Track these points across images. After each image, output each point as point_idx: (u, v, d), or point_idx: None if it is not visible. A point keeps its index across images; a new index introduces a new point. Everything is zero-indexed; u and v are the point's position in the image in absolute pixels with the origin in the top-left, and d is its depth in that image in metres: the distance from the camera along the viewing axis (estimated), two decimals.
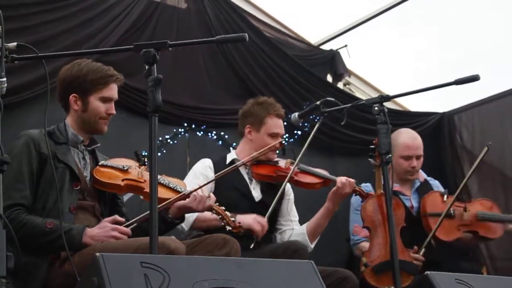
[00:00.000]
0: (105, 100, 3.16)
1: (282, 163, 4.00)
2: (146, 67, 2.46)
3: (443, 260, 4.33)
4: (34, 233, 2.88)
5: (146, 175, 3.18)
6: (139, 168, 3.26)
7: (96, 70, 3.15)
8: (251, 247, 3.61)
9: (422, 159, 4.48)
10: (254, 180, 3.98)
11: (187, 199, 3.21)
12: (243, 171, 3.94)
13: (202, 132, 5.32)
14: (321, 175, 3.98)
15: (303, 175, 3.96)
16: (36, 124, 3.29)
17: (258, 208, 3.88)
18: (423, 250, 4.10)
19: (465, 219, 4.33)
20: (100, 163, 3.25)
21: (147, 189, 3.12)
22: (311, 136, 3.98)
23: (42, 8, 4.61)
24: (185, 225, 3.66)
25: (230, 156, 4.01)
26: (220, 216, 3.33)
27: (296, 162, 3.91)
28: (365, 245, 4.16)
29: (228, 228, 3.35)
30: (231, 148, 4.20)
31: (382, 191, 3.70)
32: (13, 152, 2.98)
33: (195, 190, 3.23)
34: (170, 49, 2.49)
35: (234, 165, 3.71)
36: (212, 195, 3.34)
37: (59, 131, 3.17)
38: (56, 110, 3.23)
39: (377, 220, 3.84)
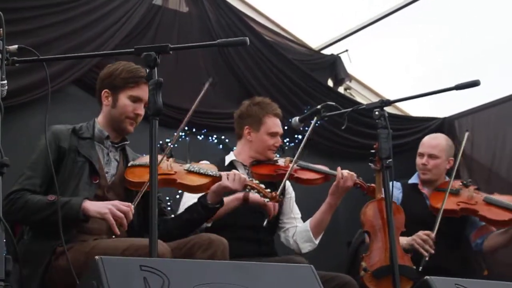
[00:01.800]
0: (134, 99, 3.20)
1: (281, 161, 4.00)
2: (147, 70, 2.46)
3: (443, 266, 4.33)
4: (36, 208, 2.91)
5: (176, 167, 3.28)
6: (167, 161, 3.31)
7: (130, 69, 3.21)
8: (264, 224, 3.66)
9: (438, 161, 4.46)
10: (254, 180, 3.96)
11: (222, 180, 3.26)
12: (243, 171, 3.94)
13: (202, 136, 5.32)
14: (321, 171, 3.96)
15: (303, 172, 3.95)
16: (39, 126, 3.31)
17: (260, 212, 3.87)
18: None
19: (468, 197, 4.31)
20: (129, 164, 3.28)
21: (180, 180, 3.24)
22: (307, 134, 3.97)
23: (44, 11, 4.62)
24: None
25: (229, 158, 4.01)
26: (256, 190, 3.41)
27: (294, 159, 3.90)
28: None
29: (267, 200, 3.47)
30: (231, 152, 4.18)
31: (382, 196, 3.69)
32: (37, 145, 3.11)
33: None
34: (171, 52, 2.49)
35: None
36: (244, 175, 3.40)
37: (86, 127, 3.23)
38: (57, 113, 3.24)
39: (377, 225, 3.83)
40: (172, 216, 3.43)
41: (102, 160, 3.20)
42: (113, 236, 2.98)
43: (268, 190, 3.44)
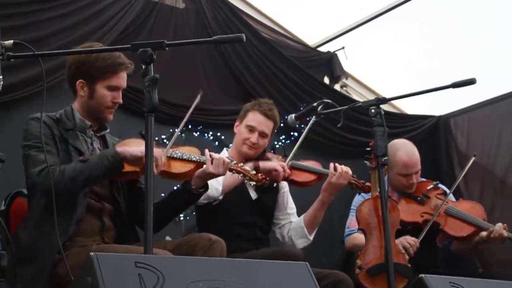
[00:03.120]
0: (112, 88, 3.10)
1: (275, 159, 3.98)
2: (143, 66, 2.45)
3: (438, 265, 4.35)
4: (75, 174, 2.87)
5: (156, 151, 3.14)
6: None
7: (105, 57, 3.06)
8: (273, 185, 3.69)
9: (419, 171, 4.46)
10: (238, 164, 3.92)
11: (204, 166, 3.20)
12: None
13: (198, 133, 5.31)
14: (315, 170, 3.95)
15: (297, 173, 3.93)
16: None
17: (256, 206, 3.87)
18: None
19: (433, 207, 4.33)
20: None
21: (163, 167, 3.13)
22: (303, 135, 3.97)
23: (39, 6, 4.60)
24: (217, 194, 3.69)
25: (223, 155, 3.98)
26: (242, 174, 3.34)
27: (288, 159, 3.89)
28: (357, 236, 4.17)
29: (252, 183, 3.41)
30: (225, 148, 4.17)
31: (377, 194, 3.69)
32: (28, 133, 2.98)
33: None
34: (167, 49, 2.48)
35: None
36: (227, 157, 3.36)
37: (66, 117, 3.12)
38: (52, 108, 3.21)
39: (372, 223, 3.83)
40: (155, 201, 3.36)
41: (87, 151, 3.12)
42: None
43: (253, 172, 3.38)
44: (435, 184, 4.46)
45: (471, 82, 3.16)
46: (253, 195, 3.93)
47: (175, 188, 3.51)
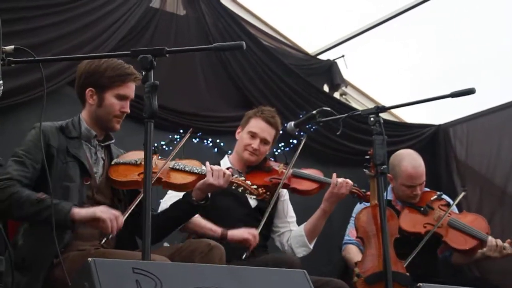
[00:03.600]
0: (120, 97, 3.14)
1: (276, 167, 3.99)
2: (143, 73, 2.45)
3: (438, 275, 4.34)
4: (23, 202, 2.83)
5: (161, 164, 3.19)
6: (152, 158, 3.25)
7: (115, 67, 3.12)
8: (243, 257, 3.58)
9: (424, 182, 4.46)
10: (240, 177, 3.93)
11: (207, 177, 3.20)
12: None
13: (197, 139, 5.31)
14: (316, 179, 3.96)
15: (298, 181, 3.94)
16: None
17: (255, 214, 3.87)
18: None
19: (436, 218, 4.32)
20: (112, 162, 3.22)
21: (165, 178, 3.17)
22: (296, 154, 3.98)
23: (40, 12, 4.60)
24: None
25: (224, 163, 3.98)
26: (242, 188, 3.34)
27: (290, 165, 3.89)
28: (351, 249, 4.17)
29: (252, 196, 3.42)
30: (226, 155, 4.17)
31: (376, 202, 3.69)
32: (24, 141, 3.02)
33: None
34: (167, 55, 2.49)
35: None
36: (231, 170, 3.36)
37: (72, 126, 3.15)
38: (52, 114, 3.22)
39: (370, 231, 3.84)
40: (156, 213, 3.36)
41: (91, 160, 3.14)
42: (105, 239, 2.94)
43: (254, 187, 3.38)
44: (438, 194, 4.46)
45: (470, 92, 3.16)
46: (253, 203, 3.94)
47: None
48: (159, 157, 3.29)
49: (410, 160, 4.41)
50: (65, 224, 2.83)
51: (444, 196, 4.49)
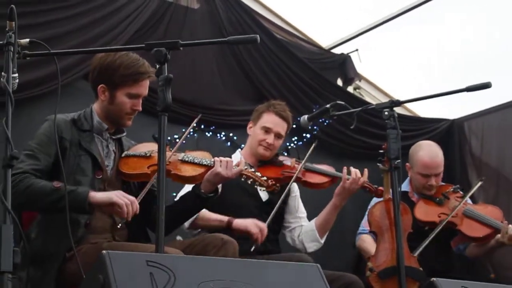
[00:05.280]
0: (132, 96, 3.12)
1: (288, 162, 3.99)
2: (157, 66, 2.46)
3: (452, 270, 4.33)
4: (41, 192, 2.82)
5: (171, 156, 3.18)
6: None
7: (128, 64, 3.08)
8: (251, 250, 3.59)
9: (441, 174, 4.45)
10: (250, 168, 3.93)
11: (215, 167, 3.19)
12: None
13: (211, 133, 5.32)
14: (328, 173, 3.96)
15: (310, 175, 3.95)
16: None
17: (266, 208, 3.88)
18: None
19: (451, 208, 4.31)
20: (123, 155, 3.22)
21: (174, 171, 3.16)
22: (309, 151, 3.97)
23: (55, 5, 4.63)
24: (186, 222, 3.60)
25: (235, 157, 3.98)
26: (252, 179, 3.33)
27: (302, 162, 3.90)
28: (366, 238, 4.17)
29: (262, 188, 3.40)
30: (238, 150, 4.18)
31: (390, 196, 3.69)
32: (36, 134, 3.02)
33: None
34: (181, 48, 2.49)
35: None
36: (242, 160, 3.34)
37: (84, 118, 3.15)
38: (65, 107, 3.22)
39: (384, 225, 3.84)
40: (166, 205, 3.36)
41: (102, 153, 3.14)
42: (120, 224, 2.94)
43: (264, 178, 3.36)
44: (455, 187, 4.46)
45: (486, 86, 3.14)
46: (264, 196, 3.94)
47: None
48: (170, 149, 3.28)
49: (428, 149, 4.43)
50: (83, 209, 2.83)
51: (460, 190, 4.47)
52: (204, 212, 3.55)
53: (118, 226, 2.98)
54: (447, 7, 5.54)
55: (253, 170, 3.39)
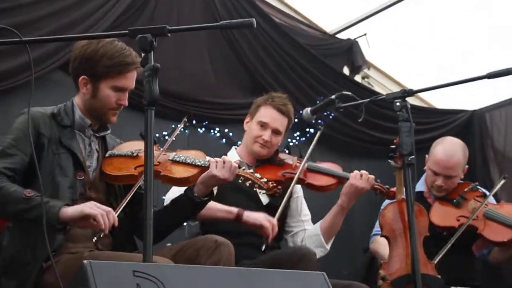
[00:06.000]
0: (117, 89, 3.11)
1: (289, 160, 3.98)
2: (142, 54, 2.45)
3: (474, 277, 4.34)
4: (10, 199, 2.81)
5: (160, 156, 3.17)
6: None
7: (113, 54, 3.06)
8: (262, 249, 3.59)
9: (456, 179, 4.43)
10: (248, 169, 3.93)
11: (210, 168, 3.18)
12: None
13: (203, 129, 5.33)
14: (334, 173, 3.95)
15: (314, 176, 3.94)
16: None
17: (266, 211, 3.87)
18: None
19: (470, 210, 4.31)
20: (107, 154, 3.21)
21: (164, 172, 3.15)
22: (311, 146, 3.97)
23: None
24: None
25: (232, 155, 3.97)
26: (250, 181, 3.32)
27: (304, 160, 3.89)
28: (381, 240, 4.17)
29: (262, 191, 3.40)
30: (234, 147, 4.17)
31: (403, 196, 3.69)
32: (11, 129, 3.01)
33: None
34: (169, 35, 2.49)
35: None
36: (238, 160, 3.34)
37: (65, 112, 3.13)
38: (40, 101, 3.22)
39: (397, 229, 3.83)
40: (156, 209, 3.29)
41: (84, 152, 3.13)
42: (95, 238, 2.93)
43: (264, 180, 3.35)
44: (473, 185, 4.44)
45: (509, 72, 3.14)
46: (264, 199, 3.94)
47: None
48: (160, 148, 3.28)
49: (447, 146, 4.41)
50: (54, 226, 2.81)
51: (479, 187, 4.47)
52: (210, 202, 3.55)
53: (94, 240, 2.96)
54: None
55: (251, 171, 3.38)
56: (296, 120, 4.16)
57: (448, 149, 4.40)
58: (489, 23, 5.64)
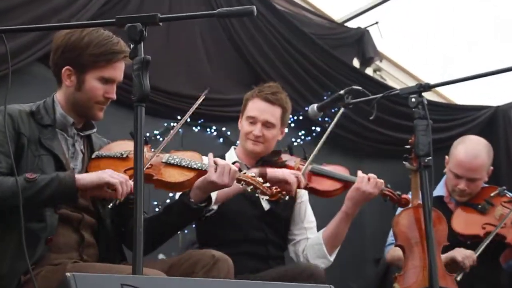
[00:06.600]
0: (105, 81, 3.10)
1: (292, 162, 3.98)
2: (131, 45, 2.46)
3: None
4: (13, 189, 2.77)
5: (153, 159, 3.15)
6: None
7: (99, 42, 3.06)
8: (286, 198, 3.47)
9: (480, 182, 4.43)
10: (249, 173, 3.92)
11: (208, 173, 3.17)
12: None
13: (199, 127, 5.33)
14: (340, 177, 3.95)
15: (318, 179, 3.93)
16: None
17: (267, 218, 3.88)
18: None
19: (497, 217, 4.31)
20: (93, 155, 3.21)
21: (157, 176, 3.13)
22: (327, 132, 3.96)
23: None
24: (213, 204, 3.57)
25: (230, 156, 3.97)
26: (252, 186, 3.31)
27: (307, 162, 3.89)
28: (396, 249, 4.17)
29: (265, 197, 3.37)
30: (233, 147, 4.18)
31: (419, 202, 3.70)
32: None
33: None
34: (161, 24, 2.49)
35: None
36: (237, 164, 3.34)
37: (45, 110, 3.12)
38: (18, 97, 3.22)
39: (413, 238, 3.84)
40: (148, 216, 3.32)
41: (67, 153, 3.12)
42: (111, 204, 2.94)
43: (267, 185, 3.32)
44: (500, 189, 4.44)
45: None
46: (266, 205, 3.94)
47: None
48: (152, 149, 3.28)
49: (469, 146, 4.41)
50: (73, 197, 2.86)
51: (507, 192, 4.47)
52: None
53: (109, 206, 2.97)
54: None
55: (253, 174, 3.38)
56: (301, 117, 4.16)
57: (471, 149, 4.40)
58: (494, 14, 5.64)
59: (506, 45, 5.57)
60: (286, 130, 4.07)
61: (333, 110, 5.29)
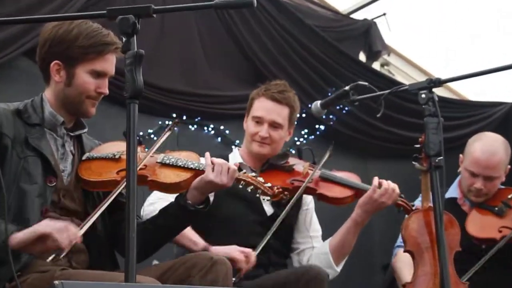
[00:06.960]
0: (96, 74, 3.10)
1: (300, 167, 3.98)
2: (124, 39, 2.46)
3: None
4: None
5: (146, 159, 3.15)
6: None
7: (89, 34, 3.06)
8: (233, 280, 3.48)
9: (497, 181, 4.43)
10: (250, 173, 3.92)
11: (206, 172, 3.17)
12: None
13: (195, 126, 5.34)
14: (351, 185, 3.95)
15: (328, 186, 3.93)
16: None
17: (270, 223, 3.88)
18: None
19: None
20: (84, 157, 3.20)
21: (152, 177, 3.13)
22: (325, 156, 3.96)
23: None
24: None
25: (234, 158, 3.98)
26: (253, 186, 3.31)
27: (315, 169, 3.89)
28: (403, 257, 4.16)
29: (266, 198, 3.40)
30: (233, 147, 4.18)
31: (430, 205, 3.70)
32: None
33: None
34: (154, 16, 2.49)
35: None
36: (236, 163, 3.34)
37: (32, 108, 3.11)
38: (3, 92, 3.22)
39: (423, 243, 3.83)
40: (142, 220, 3.34)
41: (56, 154, 3.11)
42: (52, 256, 2.91)
43: (268, 185, 3.33)
44: None
45: None
46: (268, 209, 3.94)
47: None
48: (146, 149, 3.29)
49: (486, 143, 4.41)
50: (2, 253, 2.75)
51: None
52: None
53: (49, 260, 2.92)
54: None
55: (254, 174, 3.38)
56: (304, 115, 4.17)
57: (488, 146, 4.40)
58: (497, 6, 5.65)
59: (509, 38, 5.57)
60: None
61: (337, 107, 5.32)
